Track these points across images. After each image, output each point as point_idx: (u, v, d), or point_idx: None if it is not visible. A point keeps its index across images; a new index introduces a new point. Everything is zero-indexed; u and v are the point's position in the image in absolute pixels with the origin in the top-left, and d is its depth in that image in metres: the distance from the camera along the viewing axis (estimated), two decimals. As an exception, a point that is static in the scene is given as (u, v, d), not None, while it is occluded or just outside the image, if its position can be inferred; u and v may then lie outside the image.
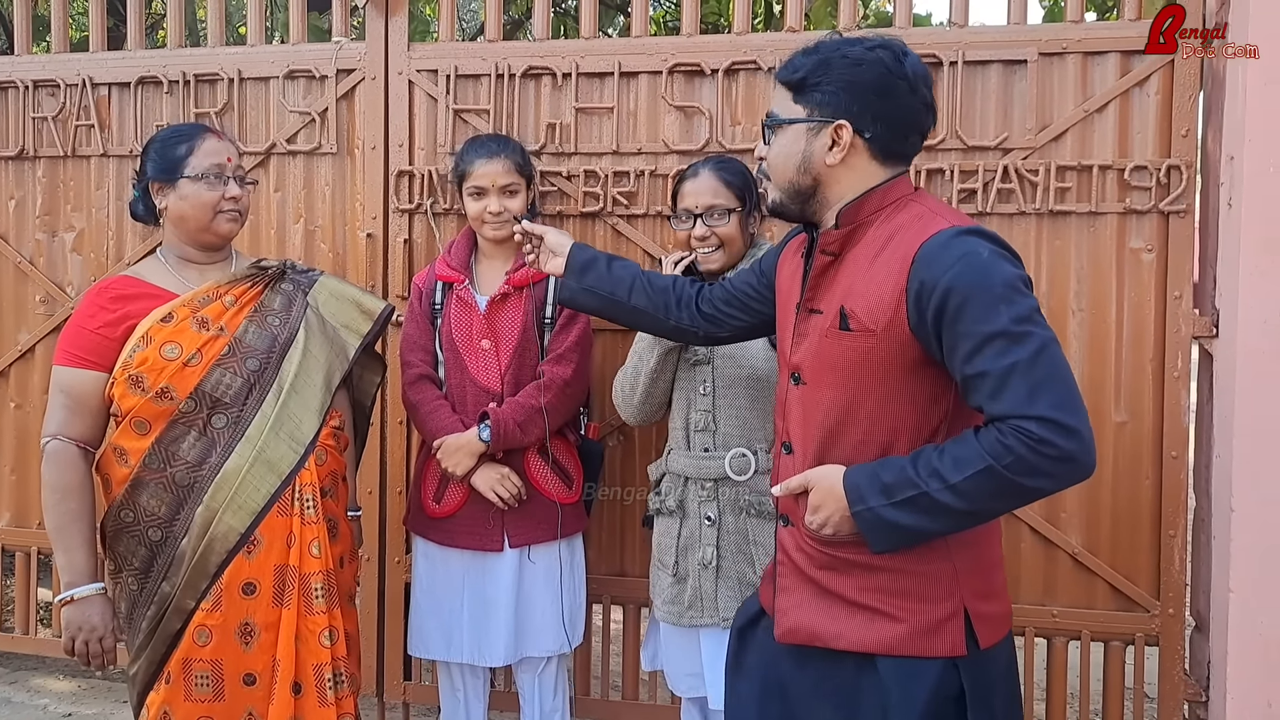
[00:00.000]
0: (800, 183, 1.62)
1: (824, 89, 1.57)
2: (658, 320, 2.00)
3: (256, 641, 2.06)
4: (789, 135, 1.62)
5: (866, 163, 1.59)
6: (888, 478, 1.50)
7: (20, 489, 3.36)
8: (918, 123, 1.61)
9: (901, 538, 1.52)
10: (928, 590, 1.56)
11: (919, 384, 1.55)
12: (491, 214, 2.44)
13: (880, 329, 1.52)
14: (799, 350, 1.66)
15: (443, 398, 2.49)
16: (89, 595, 2.06)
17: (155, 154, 2.12)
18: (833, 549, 1.61)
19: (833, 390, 1.59)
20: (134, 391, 2.04)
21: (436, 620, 2.51)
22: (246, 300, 2.15)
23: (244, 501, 2.05)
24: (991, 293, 1.43)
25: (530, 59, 2.91)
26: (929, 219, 1.54)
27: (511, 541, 2.44)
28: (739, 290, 1.95)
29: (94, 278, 3.23)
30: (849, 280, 1.57)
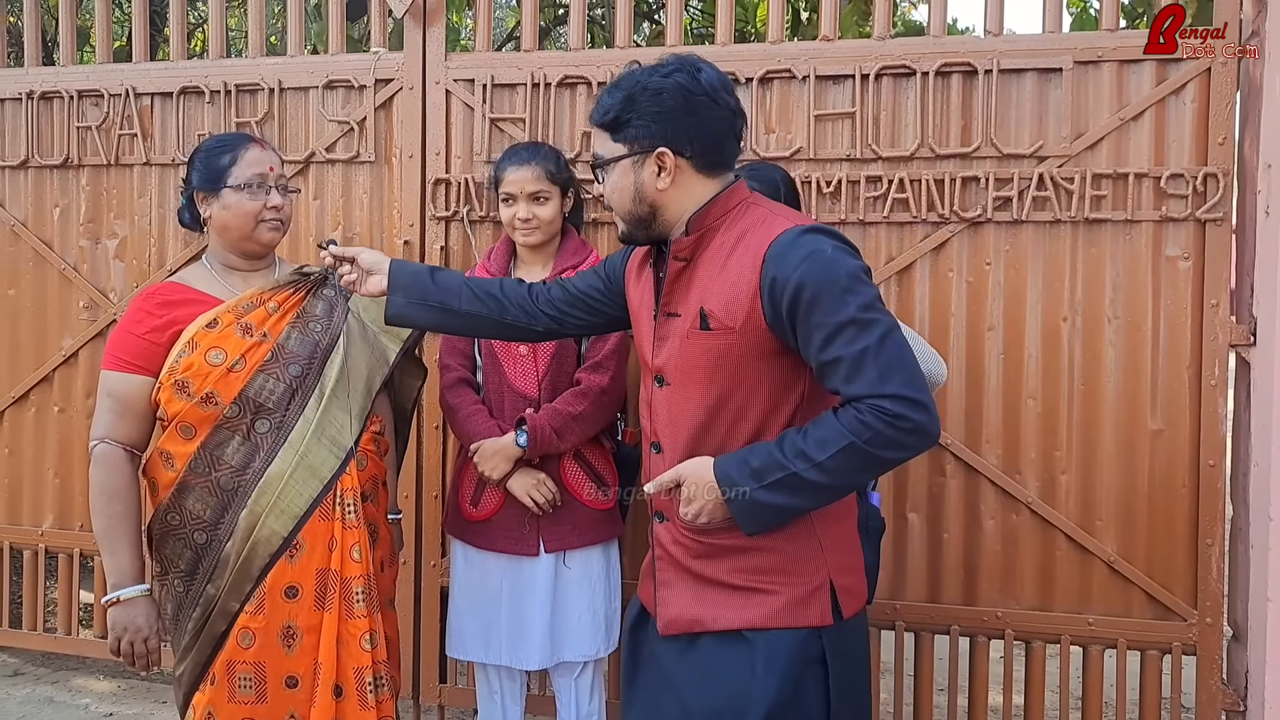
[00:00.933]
0: (638, 211, 1.72)
1: (635, 123, 1.67)
2: (493, 322, 2.04)
3: (298, 644, 2.10)
4: (617, 171, 1.71)
5: (694, 178, 1.69)
6: (756, 462, 1.60)
7: (63, 491, 3.42)
8: (728, 130, 1.70)
9: (773, 517, 1.63)
10: (798, 566, 1.68)
11: (776, 374, 1.66)
12: (520, 220, 2.48)
13: (738, 325, 1.62)
14: (661, 353, 1.74)
15: (480, 402, 2.52)
16: (135, 597, 2.10)
17: (200, 163, 2.16)
18: (708, 537, 1.71)
19: (698, 388, 1.68)
20: (180, 396, 2.07)
21: (474, 622, 2.53)
22: (289, 306, 2.18)
23: (286, 506, 2.09)
24: (838, 285, 1.54)
25: (566, 68, 2.94)
26: (772, 220, 1.65)
27: (547, 546, 2.46)
28: (582, 292, 2.01)
29: (136, 284, 3.30)
30: (704, 283, 1.67)
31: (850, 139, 2.79)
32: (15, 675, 3.58)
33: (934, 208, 2.75)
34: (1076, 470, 2.75)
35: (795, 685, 1.65)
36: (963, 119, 2.75)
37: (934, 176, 2.75)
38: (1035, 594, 2.78)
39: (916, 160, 2.77)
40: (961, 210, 2.74)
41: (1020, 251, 2.75)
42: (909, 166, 2.77)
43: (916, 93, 2.76)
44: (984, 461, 2.78)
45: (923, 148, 2.76)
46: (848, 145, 2.79)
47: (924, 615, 2.83)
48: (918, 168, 2.77)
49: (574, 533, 2.47)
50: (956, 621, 2.81)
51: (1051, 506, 2.75)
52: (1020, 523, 2.77)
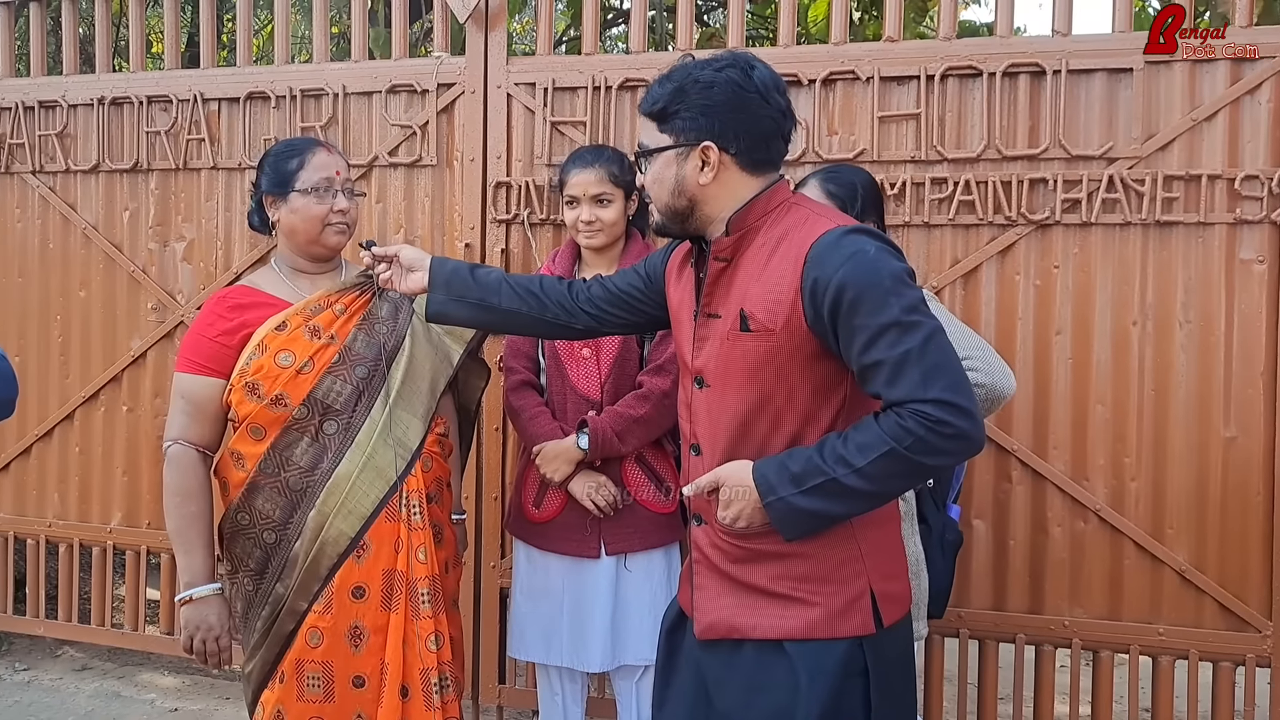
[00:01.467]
0: (676, 204, 1.69)
1: (683, 115, 1.64)
2: (532, 319, 2.02)
3: (365, 644, 2.11)
4: (660, 162, 1.69)
5: (737, 176, 1.66)
6: (796, 467, 1.57)
7: (131, 490, 3.49)
8: (777, 130, 1.67)
9: (812, 523, 1.60)
10: (838, 573, 1.64)
11: (818, 377, 1.62)
12: (583, 223, 2.49)
13: (779, 327, 1.59)
14: (701, 355, 1.71)
15: (543, 404, 2.53)
16: (206, 595, 2.13)
17: (269, 168, 2.19)
18: (746, 541, 1.68)
19: (737, 390, 1.66)
20: (250, 398, 2.10)
21: (536, 623, 2.54)
22: (355, 308, 2.21)
23: (354, 507, 2.10)
24: (881, 286, 1.51)
25: (627, 71, 2.95)
26: (814, 220, 1.62)
27: (608, 549, 2.47)
28: (622, 291, 1.99)
29: (203, 286, 3.36)
30: (745, 284, 1.64)
31: (915, 140, 2.76)
32: (83, 670, 3.66)
33: (1000, 210, 2.71)
34: (1146, 477, 2.70)
35: (838, 698, 1.63)
36: (1030, 120, 2.72)
37: (1001, 178, 2.71)
38: (1103, 603, 2.73)
39: (983, 162, 2.74)
40: (1029, 212, 2.70)
41: (1089, 254, 2.70)
42: (975, 168, 2.74)
43: (983, 93, 2.72)
44: (1051, 468, 2.73)
45: (989, 149, 2.72)
46: (912, 147, 2.77)
47: (988, 623, 2.79)
48: (984, 169, 2.74)
49: (635, 535, 2.47)
50: (1022, 630, 2.77)
51: (1120, 514, 2.70)
52: (1088, 530, 2.73)
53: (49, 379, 3.57)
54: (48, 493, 3.60)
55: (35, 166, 3.52)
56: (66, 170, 3.49)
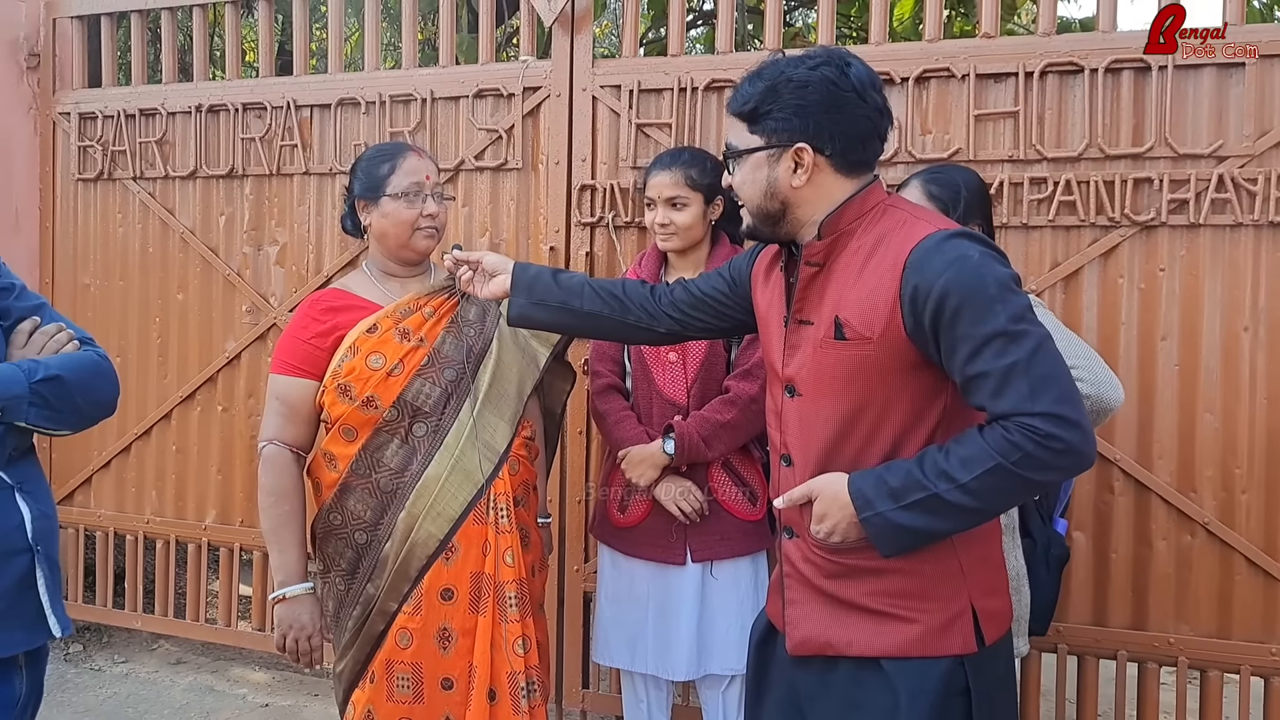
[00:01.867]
0: (768, 207, 1.64)
1: (775, 115, 1.58)
2: (614, 322, 1.99)
3: (454, 647, 2.12)
4: (750, 164, 1.63)
5: (831, 178, 1.60)
6: (895, 482, 1.52)
7: (225, 488, 3.58)
8: (873, 130, 1.61)
9: (911, 540, 1.54)
10: (938, 590, 1.59)
11: (916, 387, 1.56)
12: (658, 225, 2.47)
13: (876, 336, 1.53)
14: (792, 363, 1.66)
15: (629, 408, 2.51)
16: (299, 595, 2.15)
17: (361, 172, 2.21)
18: (841, 556, 1.62)
19: (832, 400, 1.60)
20: (342, 400, 2.12)
21: (621, 629, 2.53)
22: (444, 311, 2.22)
23: (443, 509, 2.11)
24: (986, 294, 1.45)
25: (713, 72, 2.92)
26: (913, 224, 1.56)
27: (694, 555, 2.44)
28: (706, 294, 1.95)
29: (295, 289, 3.42)
30: (839, 289, 1.59)
31: (1013, 139, 2.68)
32: (178, 664, 3.76)
33: (1103, 211, 2.61)
34: (1258, 489, 2.57)
35: (939, 718, 1.57)
36: (1134, 117, 2.61)
37: (1103, 178, 2.61)
38: (1212, 620, 2.61)
39: (1084, 161, 2.64)
40: (1133, 213, 2.60)
41: (1197, 256, 2.59)
42: (1076, 168, 2.64)
43: (1084, 90, 2.63)
44: (1155, 479, 2.62)
45: (1091, 148, 2.63)
46: (1010, 146, 2.68)
47: (1089, 638, 2.69)
48: (1085, 169, 2.64)
49: (721, 543, 2.44)
50: (1124, 646, 2.66)
51: (1230, 527, 2.58)
52: (1195, 544, 2.61)
53: (148, 379, 3.67)
54: (146, 490, 3.70)
55: (136, 173, 3.63)
56: (165, 176, 3.59)
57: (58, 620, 1.64)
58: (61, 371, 1.63)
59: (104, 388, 1.74)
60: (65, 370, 1.64)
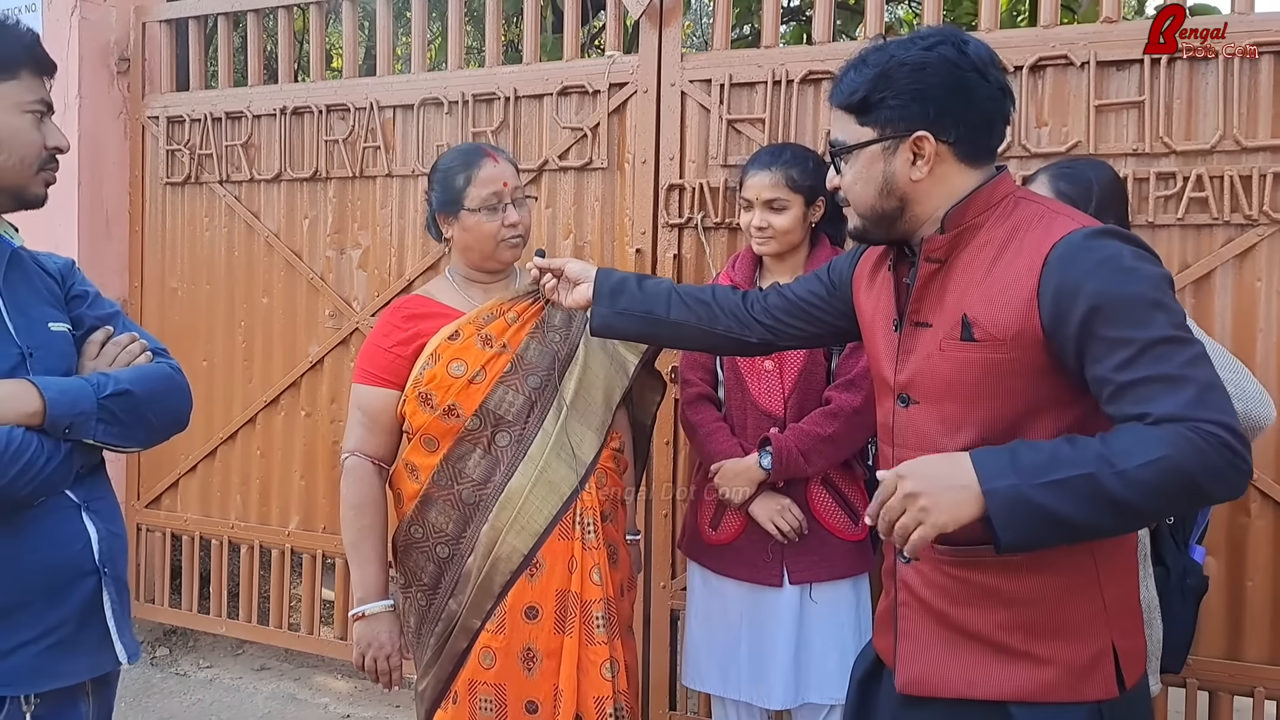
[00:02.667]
0: (884, 206, 1.49)
1: (890, 104, 1.44)
2: (703, 332, 1.87)
3: (538, 668, 2.02)
4: (863, 159, 1.49)
5: (954, 168, 1.46)
6: (1035, 457, 1.30)
7: (308, 494, 3.54)
8: (998, 112, 1.46)
9: (1043, 531, 1.30)
10: (1077, 628, 1.42)
11: (1049, 393, 1.41)
12: (755, 228, 2.32)
13: (1009, 337, 1.39)
14: (906, 368, 1.51)
15: (722, 419, 2.38)
16: (379, 612, 2.08)
17: (438, 184, 2.12)
18: (967, 571, 1.45)
19: (955, 407, 1.45)
20: (423, 409, 2.05)
21: (712, 651, 2.40)
22: (528, 317, 2.13)
23: (526, 523, 2.02)
24: (1144, 297, 1.31)
25: (810, 63, 2.77)
26: (1053, 218, 1.41)
27: (792, 577, 2.29)
28: (801, 299, 1.82)
29: (377, 294, 3.37)
30: (963, 287, 1.44)
31: (1137, 131, 2.48)
32: (261, 670, 3.74)
33: (1238, 208, 2.40)
34: None
35: None
36: (1275, 107, 2.39)
37: (1239, 172, 2.40)
38: (1360, 656, 2.38)
39: (1217, 154, 2.43)
40: (1272, 210, 2.38)
41: (1346, 258, 2.36)
42: (1208, 161, 2.43)
43: (1217, 78, 2.42)
44: (1298, 500, 2.40)
45: (1225, 140, 2.41)
46: (1134, 138, 2.48)
47: (1221, 673, 2.47)
48: (1219, 163, 2.43)
49: (821, 564, 2.29)
50: (1262, 683, 2.44)
51: (1383, 555, 2.35)
52: (1342, 572, 2.38)
53: (233, 383, 3.66)
54: (230, 495, 3.69)
55: (222, 176, 3.62)
56: (251, 179, 3.58)
57: (124, 647, 1.56)
58: (132, 385, 1.57)
59: (176, 402, 1.67)
60: (136, 384, 1.58)
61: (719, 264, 2.88)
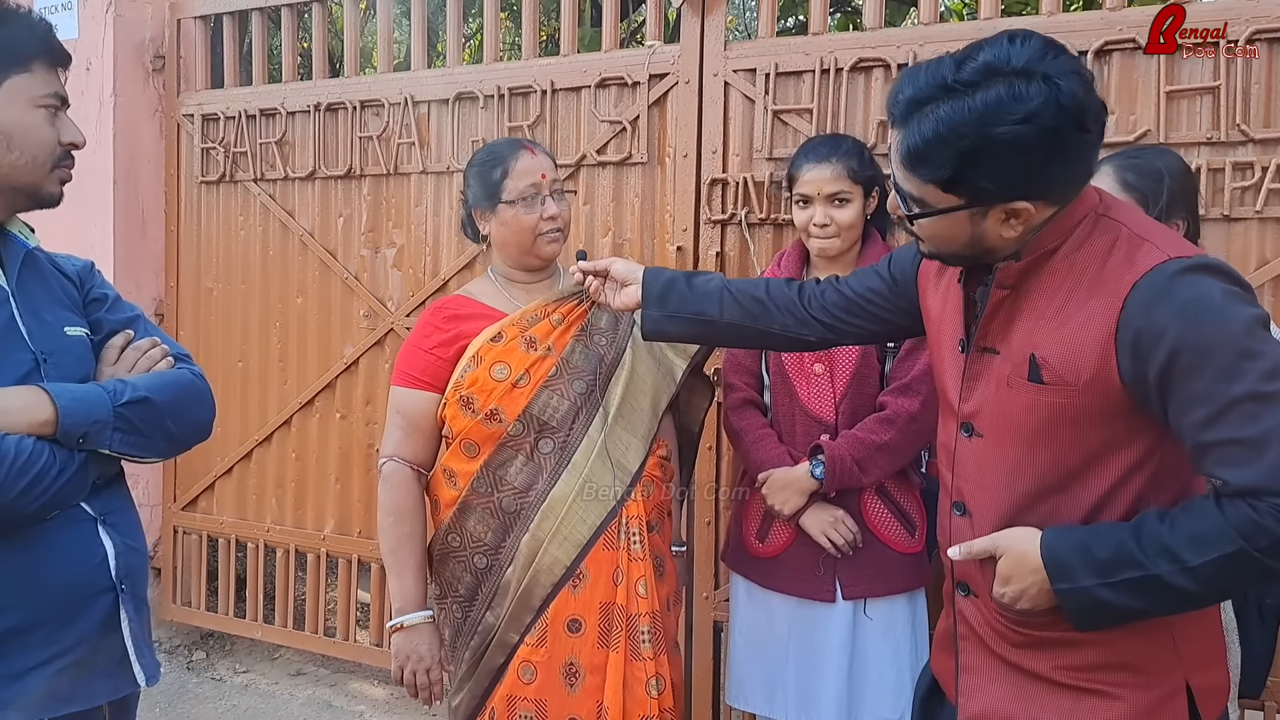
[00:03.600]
0: (967, 253, 1.40)
1: (983, 181, 1.29)
2: (758, 332, 1.78)
3: (581, 684, 1.94)
4: (947, 221, 1.36)
5: (1045, 213, 1.34)
6: (1102, 552, 1.28)
7: (344, 497, 3.48)
8: (1093, 152, 1.33)
9: (1115, 620, 1.32)
10: (1146, 664, 1.36)
11: (1126, 438, 1.32)
12: (816, 225, 2.20)
13: (1081, 382, 1.30)
14: (972, 397, 1.44)
15: (768, 425, 2.27)
16: (418, 624, 2.00)
17: (474, 180, 2.05)
18: (1029, 627, 1.40)
19: (1020, 448, 1.37)
20: (464, 413, 1.97)
21: (758, 669, 2.28)
22: (573, 319, 2.04)
23: (569, 533, 1.94)
24: (1232, 347, 1.20)
25: (860, 50, 2.65)
26: (1134, 246, 1.29)
27: (845, 592, 2.17)
28: (860, 295, 1.72)
29: (412, 293, 3.30)
30: (1034, 320, 1.35)
31: (1211, 118, 2.34)
32: (297, 675, 3.69)
33: (1323, 199, 2.26)
34: None
35: None
36: (1360, 89, 2.25)
37: (1322, 161, 2.25)
38: None
39: (1299, 142, 2.29)
40: (1359, 201, 2.24)
41: None
42: (1289, 150, 2.29)
43: (1299, 60, 2.28)
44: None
45: (1308, 126, 2.27)
46: (1208, 126, 2.34)
47: (1303, 694, 2.34)
48: (1301, 151, 2.29)
49: (877, 578, 2.17)
50: (1346, 704, 2.30)
51: None
52: None
53: (269, 384, 3.61)
54: (266, 498, 3.64)
55: (257, 174, 3.57)
56: (285, 178, 3.52)
57: (143, 669, 1.49)
58: (150, 393, 1.49)
59: (198, 409, 1.60)
60: (155, 391, 1.50)
61: (764, 261, 2.77)
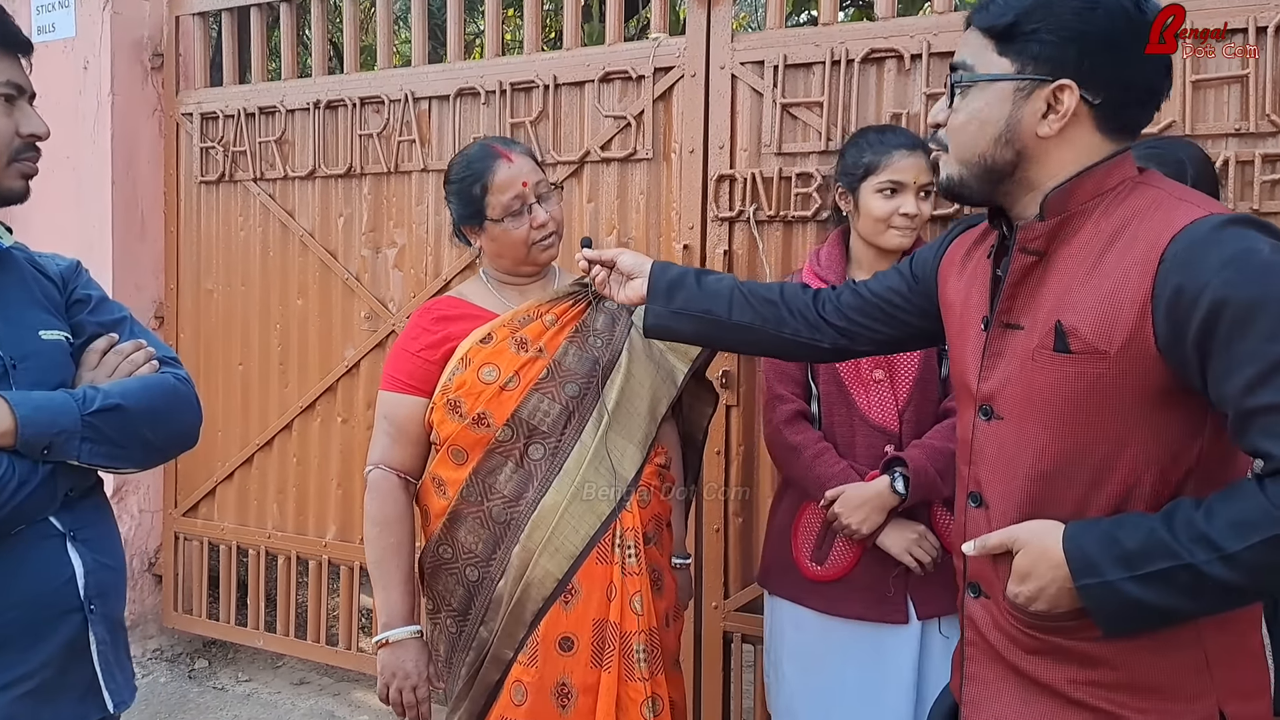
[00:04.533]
0: (997, 157, 1.29)
1: (1042, 38, 1.23)
2: (769, 336, 1.68)
3: (573, 705, 1.85)
4: (988, 96, 1.27)
5: (1089, 135, 1.25)
6: (1131, 542, 1.17)
7: (345, 503, 3.41)
8: (1156, 88, 1.26)
9: (1145, 621, 1.19)
10: (1171, 685, 1.23)
11: (1164, 420, 1.21)
12: (905, 215, 2.06)
13: (1114, 350, 1.19)
14: (992, 376, 1.33)
15: (824, 438, 2.12)
16: (404, 639, 1.93)
17: (455, 198, 1.96)
18: (1044, 634, 1.28)
19: (1045, 429, 1.26)
20: (451, 417, 1.89)
21: (812, 695, 2.13)
22: (568, 319, 1.96)
23: (561, 544, 1.85)
24: None
25: (872, 41, 2.55)
26: (1172, 205, 1.20)
27: (920, 611, 2.04)
28: (879, 296, 1.62)
29: (414, 294, 3.22)
30: (1062, 287, 1.25)
31: (1240, 108, 2.22)
32: (300, 684, 3.62)
33: (1359, 191, 2.14)
34: None
35: None
36: (1400, 75, 2.13)
37: (1359, 151, 2.14)
38: None
39: (1334, 131, 2.17)
40: (1399, 193, 2.12)
41: None
42: (1323, 140, 2.17)
43: (1334, 45, 2.16)
44: None
45: (1343, 115, 2.15)
46: (1236, 117, 2.22)
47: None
48: (1335, 141, 2.17)
49: (949, 595, 2.01)
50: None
51: None
52: None
53: (269, 388, 3.54)
54: (267, 503, 3.57)
55: (256, 174, 3.50)
56: (285, 177, 3.45)
57: (111, 694, 1.41)
58: (124, 400, 1.41)
59: (180, 416, 1.52)
60: (129, 398, 1.42)
61: (773, 260, 2.67)
